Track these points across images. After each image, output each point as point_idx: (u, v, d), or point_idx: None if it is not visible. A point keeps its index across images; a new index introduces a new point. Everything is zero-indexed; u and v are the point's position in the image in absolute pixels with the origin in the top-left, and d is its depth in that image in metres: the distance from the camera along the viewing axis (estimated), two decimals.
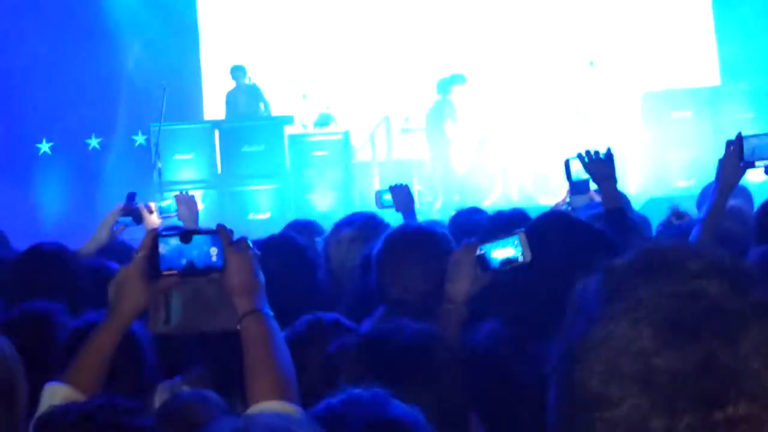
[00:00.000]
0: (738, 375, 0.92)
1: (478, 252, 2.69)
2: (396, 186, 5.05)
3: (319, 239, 4.30)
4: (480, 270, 2.67)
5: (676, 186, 11.23)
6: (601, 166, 3.98)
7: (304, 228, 4.64)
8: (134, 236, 4.16)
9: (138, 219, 4.67)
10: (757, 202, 5.09)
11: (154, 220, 4.65)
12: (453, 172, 11.55)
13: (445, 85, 11.63)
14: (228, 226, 2.20)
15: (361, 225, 4.05)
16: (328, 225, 4.73)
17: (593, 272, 1.06)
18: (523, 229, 2.73)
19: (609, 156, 3.99)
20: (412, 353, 2.14)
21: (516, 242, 2.67)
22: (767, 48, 11.90)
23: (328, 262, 3.89)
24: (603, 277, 1.04)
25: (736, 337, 0.93)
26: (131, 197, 4.81)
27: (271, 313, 2.12)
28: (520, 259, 2.67)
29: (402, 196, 4.94)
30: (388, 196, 5.03)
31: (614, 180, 3.95)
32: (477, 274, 2.66)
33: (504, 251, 2.69)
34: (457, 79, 11.71)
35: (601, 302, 1.01)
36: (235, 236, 2.17)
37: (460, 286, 2.65)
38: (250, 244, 2.18)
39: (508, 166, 11.75)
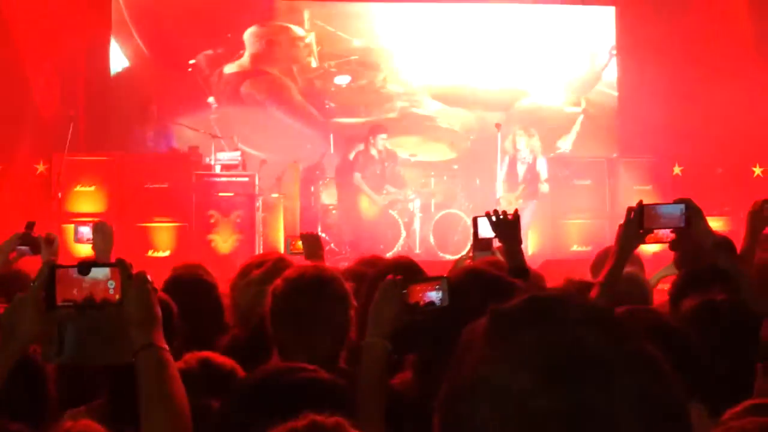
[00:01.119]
0: (611, 420, 0.98)
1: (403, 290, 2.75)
2: (306, 234, 5.08)
3: None
4: (404, 307, 2.73)
5: (571, 250, 11.54)
6: (507, 226, 4.13)
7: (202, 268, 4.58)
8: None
9: (36, 249, 4.59)
10: (649, 270, 5.30)
11: (52, 250, 4.57)
12: (359, 222, 11.68)
13: (367, 135, 11.85)
14: (126, 261, 2.20)
15: (272, 267, 4.06)
16: (229, 267, 4.74)
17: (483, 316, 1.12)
18: (445, 276, 2.82)
19: (516, 218, 4.15)
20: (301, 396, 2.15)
21: (438, 287, 2.74)
22: (663, 125, 12.40)
23: (236, 305, 3.87)
24: (490, 319, 1.10)
25: (610, 384, 0.99)
26: (30, 226, 4.72)
27: (167, 348, 2.12)
28: (438, 303, 2.73)
29: (312, 244, 4.97)
30: (298, 243, 5.04)
31: (518, 241, 4.09)
32: (401, 311, 2.70)
33: (428, 293, 2.77)
34: (375, 129, 11.91)
35: (486, 344, 1.07)
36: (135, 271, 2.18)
37: (384, 321, 2.68)
38: (149, 279, 2.18)
39: (412, 218, 11.90)
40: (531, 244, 11.53)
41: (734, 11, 13.34)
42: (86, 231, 4.84)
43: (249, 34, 13.34)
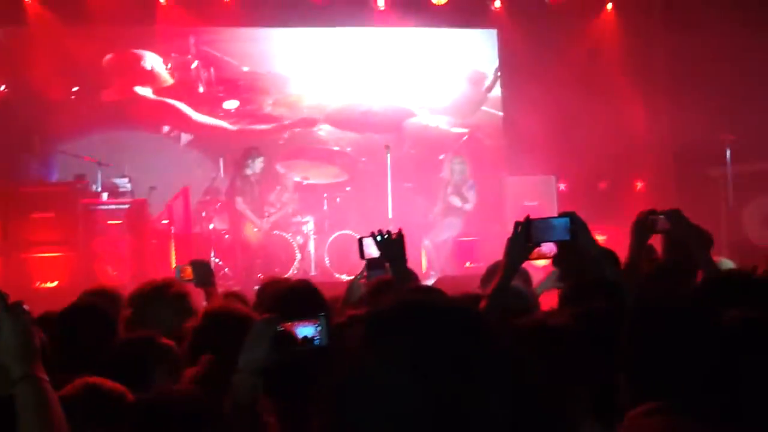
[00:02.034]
0: (476, 410, 1.08)
1: (278, 327, 2.73)
2: (197, 261, 5.04)
3: None
4: (278, 345, 2.72)
5: (465, 266, 11.76)
6: (392, 246, 4.21)
7: (102, 296, 4.52)
8: None
9: None
10: (537, 283, 5.45)
11: None
12: (249, 246, 11.61)
13: (242, 159, 11.76)
14: (10, 294, 2.18)
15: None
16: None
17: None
18: (324, 314, 2.79)
19: (399, 237, 4.23)
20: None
21: (317, 325, 2.74)
22: (547, 143, 12.77)
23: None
24: (366, 323, 1.16)
25: (473, 378, 1.09)
26: None
27: (46, 378, 2.10)
28: (318, 342, 2.73)
29: (202, 272, 4.94)
30: (188, 271, 4.99)
31: (403, 259, 4.18)
32: (273, 349, 2.69)
33: (305, 330, 2.75)
34: (248, 152, 11.82)
35: (362, 345, 1.15)
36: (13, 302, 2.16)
37: (255, 356, 2.67)
38: (26, 309, 2.16)
39: (306, 240, 11.91)
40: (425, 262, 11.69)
41: (606, 34, 13.87)
42: None
43: (138, 60, 13.17)
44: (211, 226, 11.81)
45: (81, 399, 2.53)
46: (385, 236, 4.27)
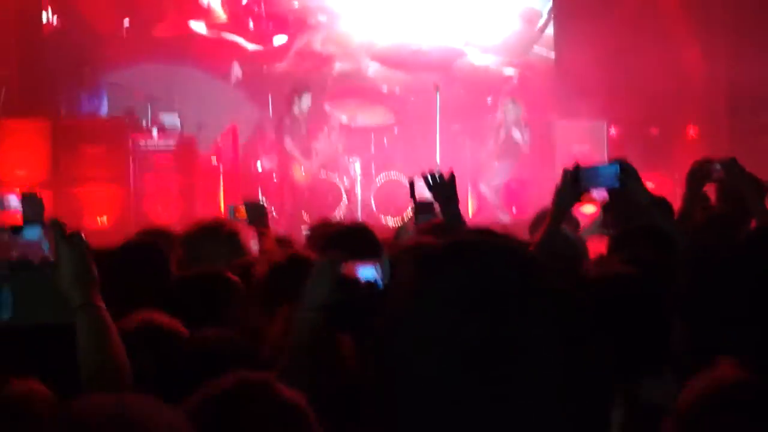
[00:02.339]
0: (530, 345, 1.11)
1: (342, 266, 2.72)
2: (250, 202, 5.08)
3: None
4: (338, 286, 2.71)
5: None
6: (443, 188, 4.16)
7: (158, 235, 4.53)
8: None
9: None
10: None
11: None
12: (296, 188, 11.59)
13: (289, 96, 11.68)
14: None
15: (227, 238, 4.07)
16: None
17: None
18: (386, 259, 2.80)
19: (451, 178, 4.18)
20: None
21: (378, 266, 2.72)
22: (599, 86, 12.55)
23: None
24: (418, 260, 1.20)
25: (525, 313, 1.12)
26: None
27: (104, 306, 2.12)
28: (380, 284, 2.72)
29: (256, 212, 4.98)
30: (241, 211, 5.03)
31: (455, 201, 4.13)
32: (334, 289, 2.68)
33: (366, 272, 2.74)
34: (297, 88, 11.73)
35: (415, 282, 1.18)
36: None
37: (319, 294, 2.67)
38: (83, 238, 2.17)
39: (353, 183, 11.87)
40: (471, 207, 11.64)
41: None
42: (14, 200, 4.68)
43: None
44: (258, 166, 11.82)
45: (137, 333, 2.54)
46: (437, 178, 4.21)
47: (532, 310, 1.12)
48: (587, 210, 8.81)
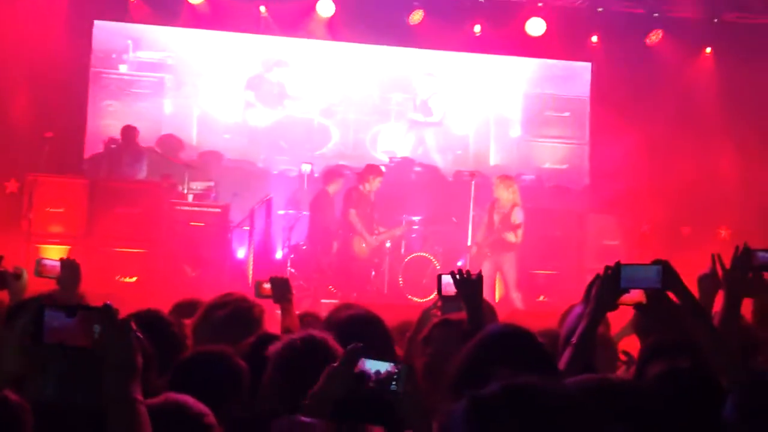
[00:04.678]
0: None
1: (358, 367, 2.72)
2: (276, 277, 5.07)
3: None
4: (351, 385, 2.71)
5: (537, 301, 11.65)
6: (469, 286, 4.15)
7: (188, 308, 4.56)
8: None
9: (2, 284, 4.52)
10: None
11: (20, 285, 4.50)
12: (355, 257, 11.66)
13: (365, 174, 11.83)
14: (92, 286, 2.23)
15: (234, 309, 4.08)
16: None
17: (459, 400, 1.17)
18: (408, 365, 2.78)
19: (479, 278, 4.17)
20: None
21: (397, 372, 2.71)
22: (632, 182, 12.60)
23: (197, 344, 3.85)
24: (470, 406, 1.14)
25: None
26: None
27: (141, 400, 2.15)
28: (395, 387, 2.70)
29: (281, 288, 4.97)
30: (267, 286, 5.03)
31: (479, 302, 4.11)
32: (348, 390, 2.68)
33: (378, 366, 2.75)
34: (374, 171, 11.86)
35: (469, 430, 1.14)
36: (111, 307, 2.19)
37: (328, 393, 2.68)
38: (133, 327, 2.20)
39: (382, 258, 11.91)
40: (498, 293, 11.60)
41: (702, 77, 13.66)
42: (53, 265, 4.67)
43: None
44: (289, 236, 11.92)
45: (166, 415, 2.56)
46: (465, 276, 4.21)
47: None
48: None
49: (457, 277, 4.22)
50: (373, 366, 2.73)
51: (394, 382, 2.70)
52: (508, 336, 3.12)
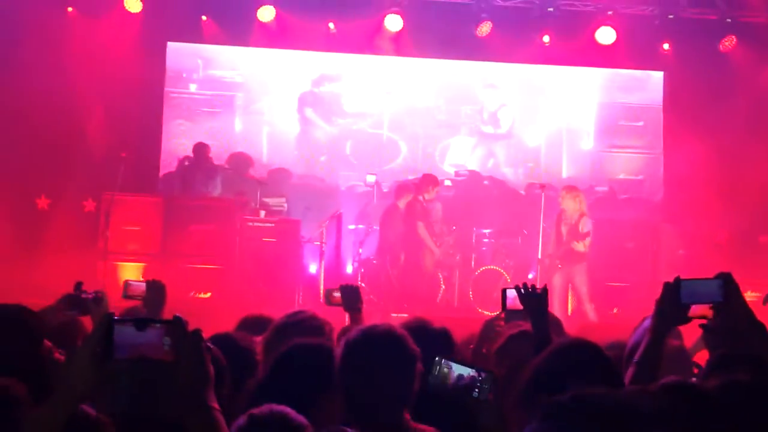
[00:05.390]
0: None
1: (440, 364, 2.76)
2: (346, 286, 5.11)
3: None
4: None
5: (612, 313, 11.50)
6: (534, 300, 4.12)
7: (255, 324, 4.59)
8: None
9: (84, 310, 4.59)
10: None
11: (101, 310, 4.56)
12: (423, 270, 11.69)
13: (424, 184, 11.84)
14: (167, 302, 2.25)
15: (306, 328, 4.11)
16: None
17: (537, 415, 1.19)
18: (493, 372, 2.80)
19: (544, 292, 4.14)
20: None
21: (481, 379, 2.73)
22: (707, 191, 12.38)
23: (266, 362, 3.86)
24: (542, 417, 1.16)
25: None
26: (77, 287, 4.68)
27: (218, 407, 2.17)
28: (477, 395, 2.72)
29: (351, 296, 5.01)
30: (337, 295, 5.08)
31: (545, 317, 4.08)
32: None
33: (466, 377, 2.76)
34: (434, 181, 11.87)
35: None
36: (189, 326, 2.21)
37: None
38: (203, 338, 2.23)
39: (453, 272, 11.89)
40: (570, 305, 11.48)
41: None
42: (139, 287, 4.78)
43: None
44: (360, 251, 11.98)
45: (268, 424, 2.59)
46: (530, 290, 4.20)
47: None
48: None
49: (522, 291, 4.21)
50: (457, 369, 2.74)
51: (476, 390, 2.71)
52: (576, 349, 3.12)
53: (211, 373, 2.20)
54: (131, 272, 10.40)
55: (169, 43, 13.38)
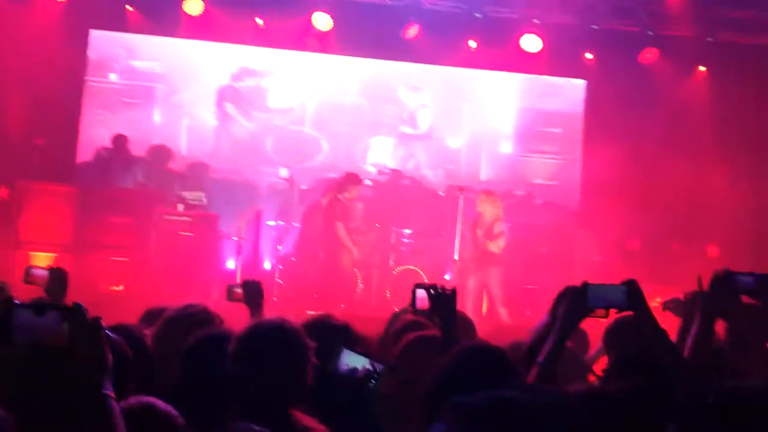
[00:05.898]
0: None
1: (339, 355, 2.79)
2: (248, 281, 5.08)
3: None
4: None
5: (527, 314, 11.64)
6: (443, 302, 4.16)
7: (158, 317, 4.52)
8: None
9: None
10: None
11: (2, 296, 4.48)
12: (319, 271, 11.67)
13: (344, 183, 11.83)
14: (78, 294, 2.24)
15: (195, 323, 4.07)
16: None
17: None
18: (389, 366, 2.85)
19: (453, 293, 4.18)
20: None
21: (378, 372, 2.78)
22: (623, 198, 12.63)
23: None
24: (451, 412, 1.20)
25: None
26: None
27: (113, 395, 2.16)
28: (372, 385, 2.76)
29: (253, 292, 4.98)
30: (238, 291, 5.05)
31: (453, 318, 4.13)
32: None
33: (362, 369, 2.77)
34: (355, 180, 11.88)
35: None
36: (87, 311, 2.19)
37: None
38: (102, 325, 2.21)
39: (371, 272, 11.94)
40: (485, 307, 11.60)
41: (695, 95, 13.70)
42: (41, 274, 4.73)
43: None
44: (279, 248, 11.94)
45: (136, 417, 2.57)
46: (440, 291, 4.23)
47: None
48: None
49: (431, 291, 4.24)
50: (355, 361, 2.76)
51: (373, 380, 2.73)
52: (477, 352, 3.17)
53: (108, 361, 2.18)
54: (43, 262, 10.19)
55: (92, 31, 13.15)
